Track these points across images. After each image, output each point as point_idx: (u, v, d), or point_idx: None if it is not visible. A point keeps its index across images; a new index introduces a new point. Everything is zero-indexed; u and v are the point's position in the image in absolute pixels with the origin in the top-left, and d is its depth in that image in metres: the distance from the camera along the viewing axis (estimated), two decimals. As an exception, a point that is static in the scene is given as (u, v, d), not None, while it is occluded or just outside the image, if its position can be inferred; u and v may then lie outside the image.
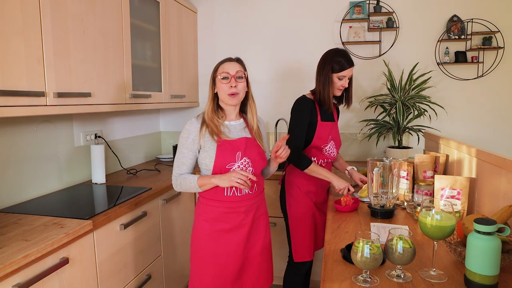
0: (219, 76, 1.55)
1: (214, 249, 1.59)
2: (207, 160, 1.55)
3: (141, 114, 2.99)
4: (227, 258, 1.59)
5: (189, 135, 1.58)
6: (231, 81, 1.53)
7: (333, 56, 1.86)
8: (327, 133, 1.94)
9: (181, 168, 1.61)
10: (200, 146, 1.57)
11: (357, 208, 1.77)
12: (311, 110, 1.90)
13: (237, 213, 1.59)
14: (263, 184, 1.72)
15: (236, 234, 1.60)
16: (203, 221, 1.61)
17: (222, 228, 1.59)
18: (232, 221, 1.59)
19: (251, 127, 1.65)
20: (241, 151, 1.56)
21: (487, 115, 2.85)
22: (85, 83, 1.78)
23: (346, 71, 1.85)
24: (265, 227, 1.71)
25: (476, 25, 2.77)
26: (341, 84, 1.88)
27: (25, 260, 1.19)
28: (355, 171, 1.94)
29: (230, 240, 1.59)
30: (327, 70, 1.86)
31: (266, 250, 1.70)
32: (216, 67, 1.59)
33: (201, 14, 3.18)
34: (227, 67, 1.55)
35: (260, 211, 1.68)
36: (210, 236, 1.59)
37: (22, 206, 1.73)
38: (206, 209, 1.60)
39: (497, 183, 1.34)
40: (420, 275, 1.09)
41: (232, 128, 1.61)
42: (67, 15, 1.65)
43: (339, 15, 2.94)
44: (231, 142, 1.55)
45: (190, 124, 1.59)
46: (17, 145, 1.81)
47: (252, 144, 1.61)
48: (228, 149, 1.54)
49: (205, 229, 1.60)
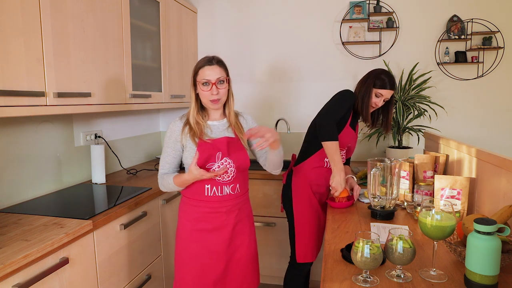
0: (200, 81, 1.52)
1: (196, 249, 1.58)
2: (189, 160, 1.55)
3: (141, 114, 2.99)
4: (209, 259, 1.58)
5: (172, 134, 1.59)
6: (212, 88, 1.51)
7: (380, 73, 1.89)
8: (347, 140, 1.93)
9: (164, 167, 1.61)
10: (183, 145, 1.58)
11: (352, 204, 1.78)
12: (350, 106, 1.90)
13: (219, 213, 1.58)
14: (247, 184, 1.69)
15: (218, 234, 1.59)
16: (185, 221, 1.61)
17: (204, 228, 1.58)
18: (214, 221, 1.58)
19: (232, 124, 1.63)
20: (221, 151, 1.54)
21: (487, 115, 2.85)
22: (85, 83, 1.78)
23: (385, 90, 1.86)
24: (249, 229, 1.69)
25: (476, 25, 2.77)
26: (375, 102, 1.89)
27: (25, 260, 1.19)
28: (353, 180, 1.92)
29: (212, 240, 1.58)
30: (369, 83, 1.88)
31: (252, 253, 1.68)
32: (196, 69, 1.54)
33: (201, 14, 3.18)
34: (208, 73, 1.51)
35: (243, 212, 1.66)
36: (192, 235, 1.59)
37: (22, 206, 1.73)
38: (188, 209, 1.60)
39: (497, 183, 1.34)
40: (420, 275, 1.09)
41: (214, 128, 1.60)
42: (67, 15, 1.65)
43: (339, 15, 2.94)
44: (212, 143, 1.54)
45: (173, 124, 1.61)
46: (17, 145, 1.81)
47: (235, 144, 1.59)
48: (208, 149, 1.53)
49: (187, 228, 1.60)
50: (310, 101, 3.03)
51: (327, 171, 1.93)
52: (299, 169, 1.96)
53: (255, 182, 2.60)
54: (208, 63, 1.53)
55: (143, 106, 2.33)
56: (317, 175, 1.93)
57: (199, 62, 1.56)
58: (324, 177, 1.95)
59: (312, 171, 1.93)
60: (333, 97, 1.92)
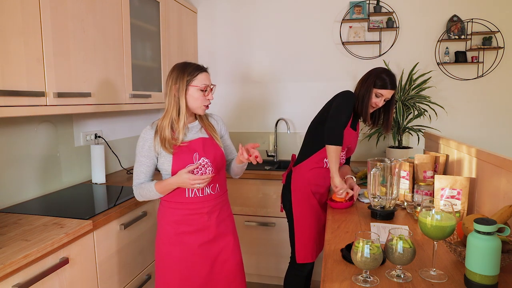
0: (199, 87, 1.51)
1: (179, 253, 1.56)
2: (166, 165, 1.53)
3: (141, 114, 2.99)
4: (193, 262, 1.57)
5: (145, 143, 1.55)
6: (209, 93, 1.55)
7: (380, 73, 1.86)
8: (347, 141, 1.92)
9: (139, 177, 1.57)
10: (157, 152, 1.55)
11: (352, 205, 1.78)
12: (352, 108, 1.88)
13: (200, 215, 1.57)
14: (225, 184, 1.69)
15: (200, 236, 1.58)
16: (166, 225, 1.58)
17: (186, 231, 1.56)
18: (196, 223, 1.57)
19: (205, 125, 1.63)
20: (198, 151, 1.54)
21: (487, 115, 2.85)
22: (85, 83, 1.78)
23: (386, 90, 1.84)
24: (232, 230, 1.68)
25: (476, 25, 2.77)
26: (375, 102, 1.87)
27: (25, 260, 1.19)
28: (352, 180, 1.92)
29: (194, 242, 1.57)
30: (369, 83, 1.86)
31: (236, 253, 1.67)
32: (192, 75, 1.52)
33: (201, 14, 3.18)
34: (206, 79, 1.54)
35: (224, 213, 1.66)
36: (174, 239, 1.56)
37: (22, 206, 1.73)
38: (168, 212, 1.57)
39: (497, 183, 1.34)
40: (420, 275, 1.09)
41: (188, 131, 1.59)
42: (67, 15, 1.65)
43: (339, 15, 2.94)
44: (187, 145, 1.54)
45: (145, 132, 1.57)
46: (17, 145, 1.81)
47: (210, 144, 1.60)
48: (184, 152, 1.53)
49: (169, 232, 1.57)
50: (310, 101, 3.03)
51: (326, 172, 1.93)
52: (299, 169, 1.96)
53: (255, 182, 2.60)
54: (203, 69, 1.56)
55: (143, 106, 2.33)
56: (316, 175, 1.93)
57: (191, 67, 1.54)
58: (323, 177, 1.95)
59: (311, 171, 1.93)
60: (337, 100, 1.88)
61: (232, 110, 3.21)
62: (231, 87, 3.19)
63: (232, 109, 3.15)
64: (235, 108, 3.17)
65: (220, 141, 1.66)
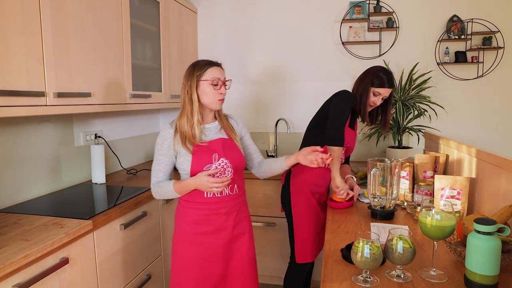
0: (209, 81, 1.52)
1: (196, 253, 1.56)
2: (185, 165, 1.54)
3: (141, 114, 2.99)
4: (209, 262, 1.57)
5: (164, 141, 1.56)
6: (221, 87, 1.54)
7: (378, 71, 1.86)
8: (346, 140, 1.92)
9: (158, 175, 1.58)
10: (176, 151, 1.56)
11: (352, 205, 1.78)
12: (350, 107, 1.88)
13: (218, 215, 1.57)
14: (244, 185, 1.69)
15: (218, 236, 1.58)
16: (184, 225, 1.59)
17: (204, 231, 1.57)
18: (214, 223, 1.57)
19: (224, 126, 1.64)
20: (217, 152, 1.54)
21: (487, 115, 2.85)
22: (85, 83, 1.78)
23: (383, 89, 1.84)
24: (249, 231, 1.69)
25: (476, 25, 2.77)
26: (373, 101, 1.87)
27: (25, 260, 1.19)
28: (353, 180, 1.92)
29: (212, 243, 1.57)
30: (367, 82, 1.86)
31: (251, 254, 1.68)
32: (203, 69, 1.53)
33: (201, 14, 3.18)
34: (217, 73, 1.54)
35: (242, 214, 1.66)
36: (191, 239, 1.57)
37: (22, 206, 1.73)
38: (187, 212, 1.58)
39: (497, 183, 1.34)
40: (420, 275, 1.09)
41: (208, 132, 1.60)
42: (67, 15, 1.65)
43: (339, 15, 2.94)
44: (207, 145, 1.54)
45: (164, 130, 1.58)
46: (17, 145, 1.81)
47: (230, 145, 1.60)
48: (204, 152, 1.53)
49: (187, 232, 1.57)
50: (310, 101, 3.03)
51: (326, 171, 1.93)
52: (298, 169, 1.96)
53: (255, 182, 2.60)
54: (214, 64, 1.56)
55: (143, 106, 2.33)
56: (315, 175, 1.93)
57: (202, 63, 1.55)
58: (322, 177, 1.95)
59: (310, 171, 1.92)
60: (336, 100, 1.88)
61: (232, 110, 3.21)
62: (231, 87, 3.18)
63: (232, 109, 3.15)
64: (235, 108, 3.17)
65: (240, 142, 1.66)
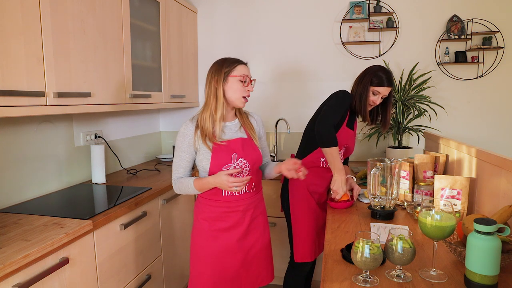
0: (239, 77, 1.53)
1: (213, 248, 1.60)
2: (204, 163, 1.56)
3: (141, 114, 2.99)
4: (226, 257, 1.61)
5: (185, 138, 1.58)
6: (248, 85, 1.56)
7: (377, 70, 1.86)
8: (344, 140, 1.92)
9: (179, 171, 1.62)
10: (196, 148, 1.57)
11: (352, 205, 1.78)
12: (347, 107, 1.89)
13: (235, 212, 1.60)
14: (261, 183, 1.73)
15: (233, 232, 1.61)
16: (202, 220, 1.63)
17: (221, 227, 1.60)
18: (231, 220, 1.60)
19: (244, 124, 1.65)
20: (236, 152, 1.56)
21: (487, 115, 2.85)
22: (85, 83, 1.78)
23: (383, 88, 1.84)
24: (263, 225, 1.72)
25: (476, 25, 2.77)
26: (372, 100, 1.87)
27: (25, 260, 1.19)
28: (353, 180, 1.92)
29: (228, 238, 1.61)
30: (366, 81, 1.85)
31: (266, 248, 1.71)
32: (232, 66, 1.54)
33: (201, 14, 3.18)
34: (245, 70, 1.56)
35: (258, 210, 1.69)
36: (209, 235, 1.61)
37: (22, 206, 1.73)
38: (205, 209, 1.62)
39: (497, 183, 1.34)
40: (420, 275, 1.09)
41: (227, 129, 1.61)
42: (67, 15, 1.65)
43: (339, 15, 2.94)
44: (226, 144, 1.55)
45: (185, 127, 1.59)
46: (17, 145, 1.81)
47: (249, 144, 1.61)
48: (223, 151, 1.54)
49: (204, 228, 1.62)
50: (310, 101, 3.03)
51: (324, 171, 1.93)
52: None
53: (255, 182, 2.60)
54: (242, 62, 1.58)
55: (143, 106, 2.33)
56: (314, 174, 1.92)
57: (230, 60, 1.56)
58: (321, 177, 1.95)
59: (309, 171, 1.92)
60: (329, 100, 1.90)
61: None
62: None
63: (232, 109, 3.15)
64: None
65: (258, 141, 1.67)
